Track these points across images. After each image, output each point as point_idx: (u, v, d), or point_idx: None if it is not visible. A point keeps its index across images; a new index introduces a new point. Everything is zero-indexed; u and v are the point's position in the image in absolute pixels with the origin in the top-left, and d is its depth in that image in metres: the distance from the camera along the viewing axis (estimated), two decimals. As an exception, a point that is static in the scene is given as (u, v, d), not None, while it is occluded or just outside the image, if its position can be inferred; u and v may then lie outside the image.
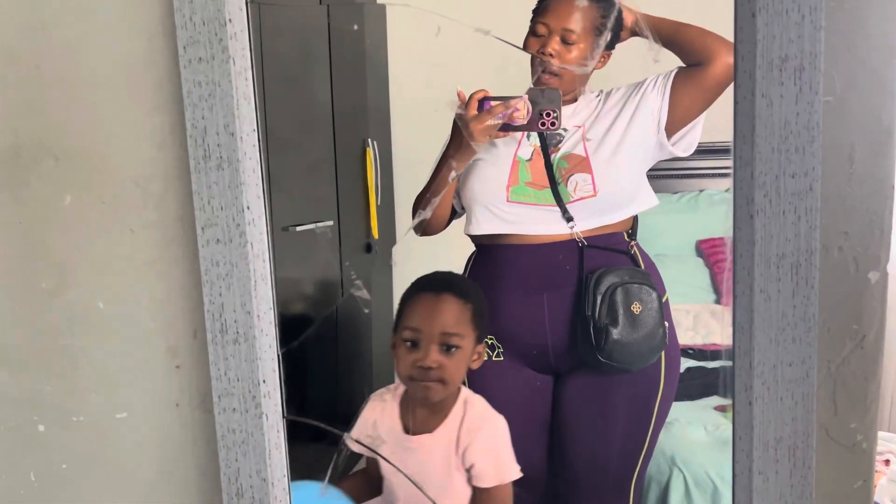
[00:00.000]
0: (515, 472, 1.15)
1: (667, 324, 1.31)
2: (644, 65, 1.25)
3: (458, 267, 1.43)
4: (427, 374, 1.06)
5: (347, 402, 2.27)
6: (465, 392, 1.18)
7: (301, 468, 0.94)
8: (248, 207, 0.81)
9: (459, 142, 1.22)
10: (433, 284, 1.12)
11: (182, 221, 0.87)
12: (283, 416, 0.85)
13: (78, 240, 0.90)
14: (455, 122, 1.23)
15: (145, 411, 0.92)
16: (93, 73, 0.87)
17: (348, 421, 1.20)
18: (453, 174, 1.24)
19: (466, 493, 1.14)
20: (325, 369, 2.20)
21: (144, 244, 0.89)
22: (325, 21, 2.13)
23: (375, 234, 2.53)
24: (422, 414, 1.13)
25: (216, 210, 0.81)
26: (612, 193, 1.29)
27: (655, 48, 1.13)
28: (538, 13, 1.28)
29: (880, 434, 1.83)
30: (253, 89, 0.81)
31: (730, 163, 0.75)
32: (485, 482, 1.13)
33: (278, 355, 0.84)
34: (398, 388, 1.17)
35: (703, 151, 1.36)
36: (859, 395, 0.85)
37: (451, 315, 1.09)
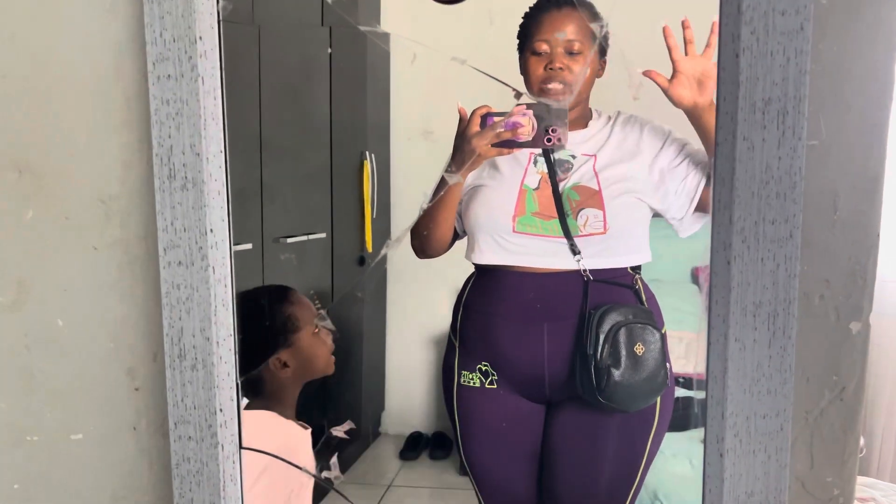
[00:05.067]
0: None
1: (668, 365, 1.28)
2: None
3: (455, 287, 1.40)
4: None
5: (335, 418, 2.23)
6: None
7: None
8: (211, 230, 0.78)
9: (445, 182, 1.19)
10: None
11: (146, 241, 0.85)
12: (240, 447, 0.82)
13: (39, 255, 0.88)
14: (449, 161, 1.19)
15: (102, 433, 0.90)
16: (61, 86, 0.85)
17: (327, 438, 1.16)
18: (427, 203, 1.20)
19: None
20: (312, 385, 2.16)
21: (107, 262, 0.86)
22: (327, 35, 2.11)
23: (370, 247, 2.50)
24: None
25: (179, 231, 0.79)
26: (621, 232, 1.25)
27: (635, 85, 1.10)
28: (534, 32, 1.23)
29: (862, 480, 1.79)
30: (222, 109, 0.78)
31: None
32: None
33: (237, 384, 0.81)
34: None
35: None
36: (837, 448, 0.82)
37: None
